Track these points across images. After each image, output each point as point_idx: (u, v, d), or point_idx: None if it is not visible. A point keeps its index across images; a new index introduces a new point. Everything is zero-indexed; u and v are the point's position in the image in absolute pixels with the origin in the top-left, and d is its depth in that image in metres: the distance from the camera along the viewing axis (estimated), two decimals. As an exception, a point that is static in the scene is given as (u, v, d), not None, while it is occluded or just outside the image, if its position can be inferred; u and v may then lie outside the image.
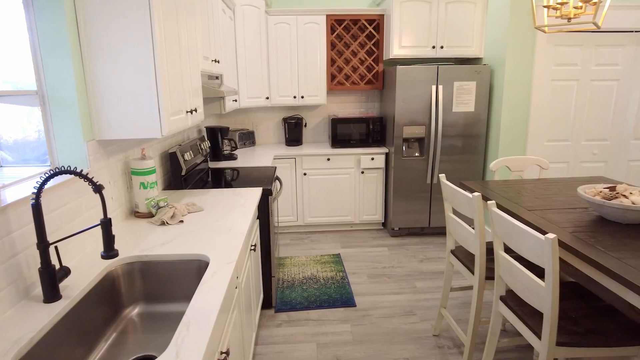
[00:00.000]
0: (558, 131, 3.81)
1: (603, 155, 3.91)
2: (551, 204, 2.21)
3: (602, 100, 3.80)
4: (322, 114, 4.63)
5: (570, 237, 1.75)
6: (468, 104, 3.81)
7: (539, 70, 3.61)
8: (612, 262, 1.51)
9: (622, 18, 3.57)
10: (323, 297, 3.00)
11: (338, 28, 4.19)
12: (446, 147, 3.92)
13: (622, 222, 1.89)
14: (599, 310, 1.74)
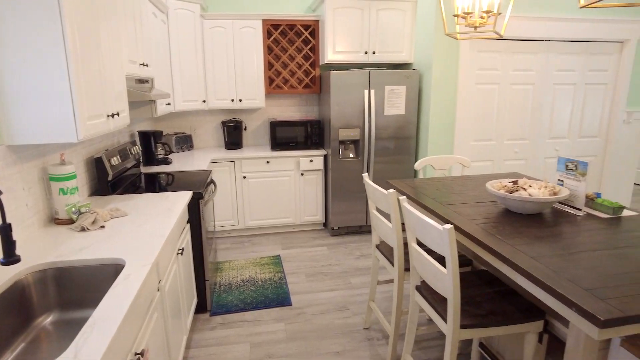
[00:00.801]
0: (482, 131, 4.08)
1: (523, 153, 4.23)
2: (465, 198, 2.38)
3: (520, 102, 4.11)
4: (262, 117, 4.66)
5: (476, 227, 1.90)
6: (399, 107, 3.99)
7: (463, 75, 3.85)
8: (506, 248, 1.66)
9: (534, 28, 3.89)
10: (260, 298, 3.02)
11: (274, 33, 4.25)
12: (380, 149, 4.08)
13: (523, 213, 2.08)
14: (501, 294, 1.90)
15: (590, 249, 1.66)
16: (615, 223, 1.97)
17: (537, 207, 2.00)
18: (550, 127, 4.24)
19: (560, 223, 1.97)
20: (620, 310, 1.21)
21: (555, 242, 1.73)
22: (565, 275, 1.43)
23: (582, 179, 2.05)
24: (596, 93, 4.28)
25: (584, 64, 4.17)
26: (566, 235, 1.82)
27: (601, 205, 2.09)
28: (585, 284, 1.37)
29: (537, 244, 1.71)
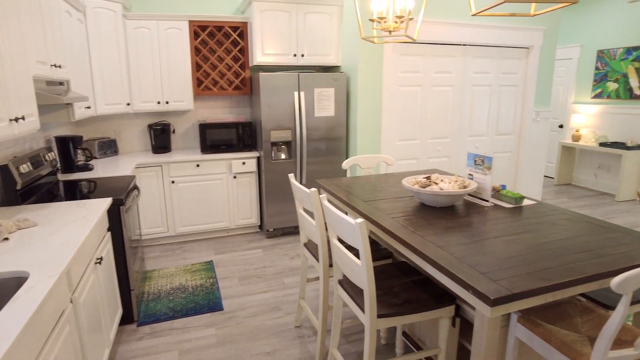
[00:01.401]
0: (407, 131, 4.28)
1: (445, 151, 4.49)
2: (386, 195, 2.49)
3: (441, 103, 4.37)
4: (191, 119, 4.55)
5: (391, 221, 2.00)
6: (328, 109, 4.08)
7: (387, 77, 4.02)
8: (417, 239, 1.77)
9: (451, 33, 4.15)
10: (190, 305, 2.96)
11: (202, 34, 4.18)
12: (312, 150, 4.15)
13: (435, 206, 2.22)
14: (417, 283, 2.02)
15: (492, 236, 1.81)
16: (517, 212, 2.16)
17: (448, 199, 2.15)
18: (469, 126, 4.54)
19: (469, 214, 2.12)
20: (508, 290, 1.33)
21: (463, 232, 1.87)
22: (467, 261, 1.56)
23: (488, 173, 2.22)
24: (509, 94, 4.65)
25: (497, 67, 4.52)
26: (473, 224, 1.97)
27: (505, 196, 2.28)
28: (483, 268, 1.50)
29: (445, 234, 1.83)
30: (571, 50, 6.42)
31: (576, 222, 2.00)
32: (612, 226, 1.95)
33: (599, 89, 6.05)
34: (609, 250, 1.67)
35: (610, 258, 1.59)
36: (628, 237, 1.81)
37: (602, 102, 6.05)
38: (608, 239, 1.79)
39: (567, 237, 1.81)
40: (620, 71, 5.72)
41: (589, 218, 2.07)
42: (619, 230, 1.89)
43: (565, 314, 1.76)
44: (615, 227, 1.93)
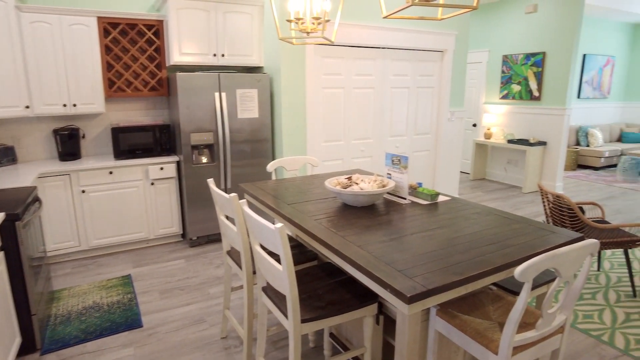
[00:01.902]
0: (332, 132, 4.32)
1: (369, 151, 4.61)
2: (309, 196, 2.48)
3: (363, 105, 4.47)
4: (103, 123, 4.22)
5: (314, 223, 1.98)
6: (252, 110, 4.00)
7: (311, 79, 4.03)
8: (338, 240, 1.76)
9: (370, 36, 4.26)
10: (105, 325, 2.72)
11: (113, 31, 3.88)
12: (236, 153, 4.03)
13: (357, 206, 2.24)
14: (341, 283, 2.02)
15: (409, 233, 1.86)
16: (432, 208, 2.25)
17: (368, 199, 2.18)
18: (390, 127, 4.70)
19: (389, 212, 2.17)
20: (423, 286, 1.37)
21: (382, 230, 1.90)
22: (385, 259, 1.57)
23: (404, 172, 2.29)
24: (426, 95, 4.89)
25: (414, 69, 4.73)
26: (392, 222, 2.01)
27: (421, 193, 2.37)
28: (400, 265, 1.52)
29: (365, 233, 1.85)
30: (481, 54, 6.92)
31: (486, 216, 2.12)
32: (517, 218, 2.09)
33: (506, 91, 6.59)
34: (513, 240, 1.79)
35: (515, 248, 1.70)
36: (530, 227, 1.95)
37: (508, 103, 6.59)
38: (513, 230, 1.92)
39: (477, 230, 1.91)
40: (522, 75, 6.27)
41: (497, 211, 2.21)
42: (522, 221, 2.04)
43: (479, 303, 1.86)
44: (519, 219, 2.08)
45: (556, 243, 1.76)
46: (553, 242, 1.77)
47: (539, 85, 6.05)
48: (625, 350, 2.45)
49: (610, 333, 2.62)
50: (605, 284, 3.25)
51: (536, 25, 6.01)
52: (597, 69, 8.34)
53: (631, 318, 2.78)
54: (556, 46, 5.79)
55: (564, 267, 1.41)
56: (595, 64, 8.26)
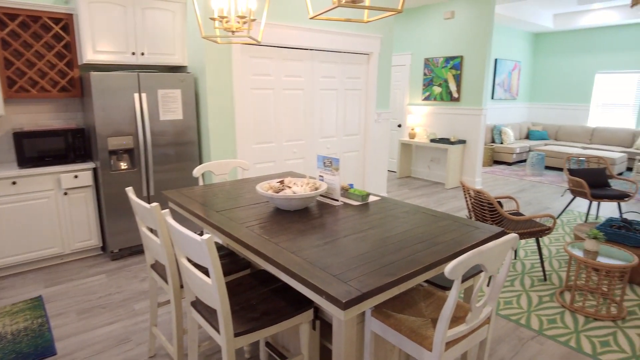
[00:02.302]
0: (262, 134, 4.23)
1: (301, 153, 4.59)
2: (240, 202, 2.38)
3: (294, 106, 4.43)
4: (3, 127, 3.75)
5: (245, 231, 1.90)
6: (175, 111, 3.79)
7: (238, 80, 3.91)
8: (270, 247, 1.70)
9: (298, 37, 4.24)
10: (10, 357, 2.41)
11: (11, 24, 3.47)
12: (159, 157, 3.80)
13: (290, 210, 2.20)
14: (276, 291, 1.96)
15: (343, 236, 1.85)
16: (364, 208, 2.27)
17: (301, 202, 2.14)
18: (321, 128, 4.72)
19: (322, 215, 2.15)
20: (358, 290, 1.35)
21: (316, 234, 1.87)
22: (319, 264, 1.54)
23: (336, 173, 2.29)
24: (353, 97, 4.97)
25: (342, 71, 4.79)
26: (326, 225, 1.99)
27: (353, 194, 2.38)
28: (335, 270, 1.50)
29: (299, 238, 1.81)
30: (404, 57, 7.21)
31: (414, 214, 2.18)
32: (443, 215, 2.18)
33: (428, 92, 6.93)
34: (441, 238, 1.85)
35: (443, 246, 1.76)
36: (455, 224, 2.03)
37: (430, 104, 6.93)
38: (440, 227, 1.99)
39: (407, 229, 1.95)
40: (442, 77, 6.63)
41: (424, 209, 2.28)
42: (448, 218, 2.13)
43: (411, 300, 1.90)
44: (446, 216, 2.16)
45: (480, 238, 1.85)
46: (478, 238, 1.86)
47: (458, 87, 6.43)
48: (540, 331, 2.66)
49: (527, 316, 2.83)
50: (521, 271, 3.52)
51: (454, 30, 6.38)
52: (507, 73, 9.08)
53: (543, 300, 3.03)
54: (472, 50, 6.19)
55: (489, 262, 1.48)
56: (505, 68, 8.99)
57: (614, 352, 2.46)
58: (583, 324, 2.74)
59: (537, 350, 2.48)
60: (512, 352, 2.46)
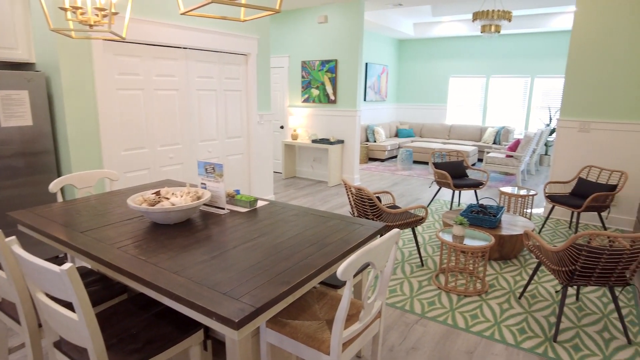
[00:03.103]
0: (133, 140, 3.84)
1: (179, 158, 4.29)
2: (110, 218, 2.11)
3: (168, 108, 4.12)
4: None
5: (116, 253, 1.67)
6: (23, 116, 3.22)
7: (101, 79, 3.48)
8: (148, 269, 1.52)
9: (171, 35, 3.94)
10: None
11: None
12: (4, 170, 3.19)
13: (170, 224, 2.01)
14: (159, 315, 1.77)
15: (231, 247, 1.74)
16: (252, 215, 2.19)
17: (181, 215, 1.97)
18: (200, 131, 4.47)
19: (207, 226, 2.01)
20: (251, 306, 1.27)
21: (201, 248, 1.73)
22: (207, 283, 1.42)
23: (220, 180, 2.16)
24: (234, 98, 4.83)
25: (220, 72, 4.60)
26: (212, 237, 1.86)
27: (240, 201, 2.28)
28: (224, 287, 1.39)
29: (182, 255, 1.65)
30: (282, 59, 7.25)
31: (303, 216, 2.17)
32: (330, 215, 2.21)
33: (306, 95, 7.08)
34: (331, 238, 1.86)
35: (333, 246, 1.77)
36: (342, 223, 2.07)
37: (310, 106, 7.10)
38: (329, 227, 2.00)
39: (298, 232, 1.93)
40: (319, 80, 6.84)
41: (313, 210, 2.29)
42: (335, 217, 2.16)
43: (305, 304, 1.88)
44: (333, 215, 2.19)
45: (366, 235, 1.91)
46: (364, 235, 1.91)
47: (334, 90, 6.69)
48: (422, 314, 2.89)
49: (410, 302, 3.05)
50: (402, 259, 3.79)
51: (328, 34, 6.62)
52: (377, 76, 9.78)
53: (422, 285, 3.30)
54: (345, 55, 6.49)
55: (377, 259, 1.52)
56: (375, 72, 9.66)
57: (481, 322, 2.79)
58: (456, 302, 3.04)
59: (422, 333, 2.67)
60: (401, 338, 2.61)
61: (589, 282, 2.52)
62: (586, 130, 4.79)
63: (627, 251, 2.35)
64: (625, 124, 4.56)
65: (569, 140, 4.91)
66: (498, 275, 3.50)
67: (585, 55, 4.66)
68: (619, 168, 4.69)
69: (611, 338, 2.64)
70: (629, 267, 2.45)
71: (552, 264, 2.60)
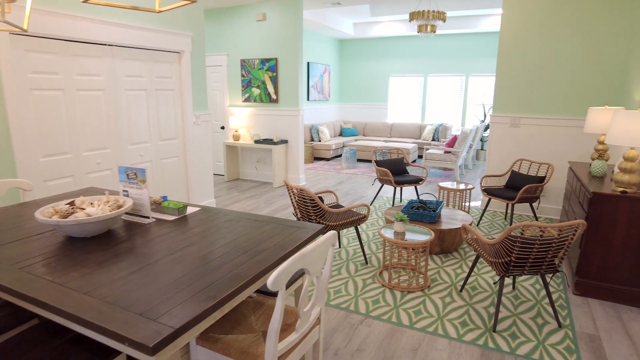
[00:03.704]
0: (54, 145, 3.51)
1: (107, 164, 3.98)
2: (17, 234, 1.86)
3: (93, 109, 3.80)
4: None
5: (18, 274, 1.46)
6: None
7: (10, 78, 3.13)
8: (54, 291, 1.34)
9: (93, 30, 3.63)
10: None
11: None
12: None
13: (87, 237, 1.81)
14: (73, 341, 1.57)
15: (154, 260, 1.59)
16: (182, 223, 2.03)
17: (100, 226, 1.78)
18: (130, 133, 4.18)
19: (130, 237, 1.83)
20: (170, 327, 1.14)
21: (120, 263, 1.56)
22: (122, 302, 1.27)
23: (143, 186, 1.98)
24: (166, 98, 4.56)
25: (151, 70, 4.33)
26: (134, 250, 1.69)
27: (167, 208, 2.11)
28: (141, 306, 1.25)
29: (97, 272, 1.48)
30: (220, 57, 7.01)
31: (238, 222, 2.05)
32: (267, 219, 2.10)
33: (247, 94, 6.90)
34: (265, 244, 1.76)
35: (267, 253, 1.66)
36: (279, 227, 1.97)
37: (251, 105, 6.92)
38: (264, 232, 1.90)
39: (230, 240, 1.80)
40: (260, 79, 6.68)
41: (249, 215, 2.17)
42: (272, 222, 2.06)
43: (241, 316, 1.76)
44: (269, 219, 2.09)
45: (304, 238, 1.83)
46: (301, 238, 1.83)
47: (275, 89, 6.57)
48: (367, 313, 2.86)
49: (355, 302, 3.01)
50: (346, 258, 3.76)
51: (267, 32, 6.48)
52: (319, 76, 9.77)
53: (367, 283, 3.28)
54: (285, 53, 6.39)
55: (311, 264, 1.44)
56: (317, 71, 9.64)
57: (425, 318, 2.80)
58: (400, 299, 3.05)
59: (367, 333, 2.64)
60: (346, 340, 2.56)
61: (524, 272, 2.60)
62: (517, 126, 5.03)
63: (555, 240, 2.45)
64: (551, 119, 4.84)
65: (502, 135, 5.14)
66: (440, 269, 3.57)
67: (513, 55, 4.90)
68: (546, 160, 4.98)
69: (544, 323, 2.75)
70: (558, 254, 2.57)
71: (490, 256, 2.67)
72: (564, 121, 4.79)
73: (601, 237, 3.02)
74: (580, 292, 3.15)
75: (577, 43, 4.58)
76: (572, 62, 4.64)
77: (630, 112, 2.82)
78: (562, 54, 4.67)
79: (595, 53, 4.53)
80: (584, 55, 4.58)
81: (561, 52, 4.67)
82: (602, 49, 4.50)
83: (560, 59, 4.68)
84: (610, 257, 3.02)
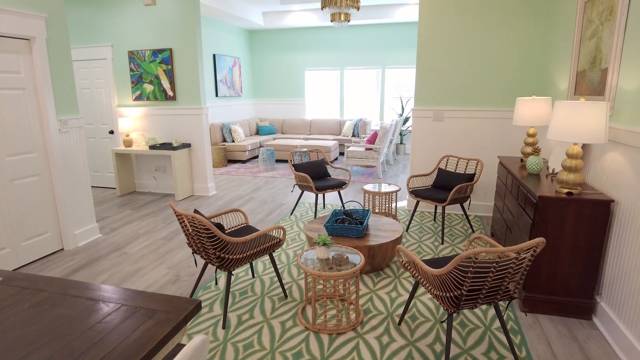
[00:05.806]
0: None
1: None
2: None
3: None
4: None
5: None
6: None
7: None
8: None
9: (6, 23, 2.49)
10: None
11: None
12: None
13: None
14: None
15: None
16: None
17: None
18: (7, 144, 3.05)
19: None
20: None
21: None
22: None
23: None
24: (14, 100, 3.46)
25: (-16, 63, 3.21)
26: None
27: None
28: None
29: None
30: (103, 49, 5.85)
31: (50, 311, 1.23)
32: (108, 295, 1.31)
33: (138, 91, 5.83)
34: None
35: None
36: (120, 314, 1.20)
37: (143, 104, 5.87)
38: (88, 332, 1.12)
39: None
40: (153, 73, 5.66)
41: (80, 287, 1.36)
42: (116, 300, 1.27)
43: None
44: (113, 296, 1.30)
45: (147, 349, 1.08)
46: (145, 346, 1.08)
47: (172, 84, 5.60)
48: (287, 374, 2.18)
49: (270, 359, 2.32)
50: (261, 292, 3.04)
51: (158, 19, 5.48)
52: (228, 69, 8.85)
53: (286, 328, 2.60)
54: (182, 43, 5.45)
55: None
56: (225, 64, 8.72)
57: (359, 372, 2.19)
58: (328, 346, 2.41)
59: (285, 411, 1.96)
60: None
61: (476, 304, 2.09)
62: (440, 119, 4.66)
63: (513, 263, 1.97)
64: (476, 110, 4.53)
65: (425, 130, 4.75)
66: (372, 294, 3.00)
67: (433, 46, 4.50)
68: (474, 155, 4.68)
69: (499, 358, 2.29)
70: (514, 279, 2.09)
71: (435, 288, 2.12)
72: (490, 112, 4.50)
73: (549, 245, 2.65)
74: (529, 308, 2.76)
75: (499, 31, 4.29)
76: (494, 52, 4.35)
77: (572, 103, 2.44)
78: (484, 43, 4.35)
79: (517, 42, 4.27)
80: (506, 44, 4.30)
81: (483, 41, 4.35)
82: (524, 37, 4.25)
83: (482, 48, 4.37)
84: (558, 267, 2.66)
